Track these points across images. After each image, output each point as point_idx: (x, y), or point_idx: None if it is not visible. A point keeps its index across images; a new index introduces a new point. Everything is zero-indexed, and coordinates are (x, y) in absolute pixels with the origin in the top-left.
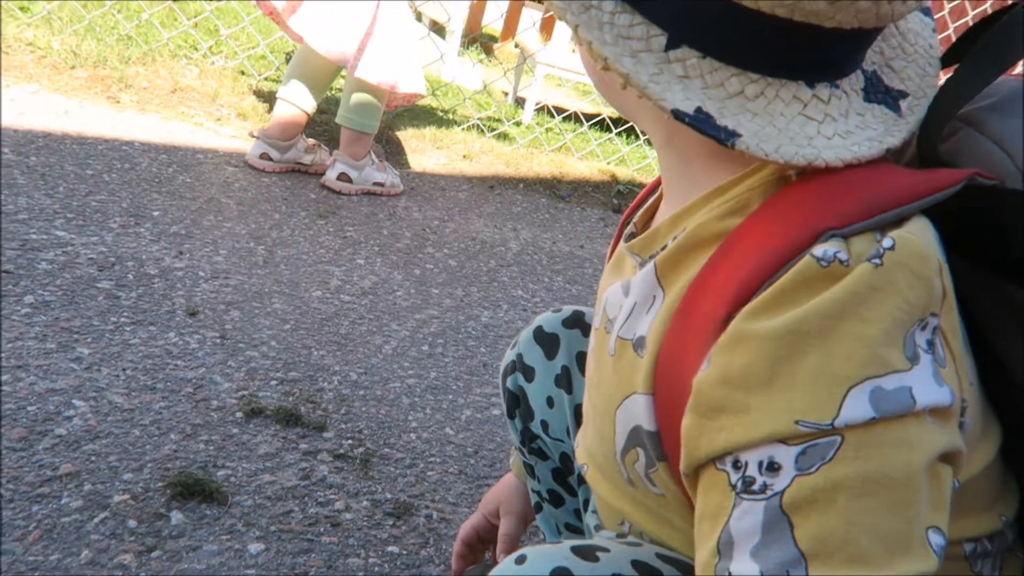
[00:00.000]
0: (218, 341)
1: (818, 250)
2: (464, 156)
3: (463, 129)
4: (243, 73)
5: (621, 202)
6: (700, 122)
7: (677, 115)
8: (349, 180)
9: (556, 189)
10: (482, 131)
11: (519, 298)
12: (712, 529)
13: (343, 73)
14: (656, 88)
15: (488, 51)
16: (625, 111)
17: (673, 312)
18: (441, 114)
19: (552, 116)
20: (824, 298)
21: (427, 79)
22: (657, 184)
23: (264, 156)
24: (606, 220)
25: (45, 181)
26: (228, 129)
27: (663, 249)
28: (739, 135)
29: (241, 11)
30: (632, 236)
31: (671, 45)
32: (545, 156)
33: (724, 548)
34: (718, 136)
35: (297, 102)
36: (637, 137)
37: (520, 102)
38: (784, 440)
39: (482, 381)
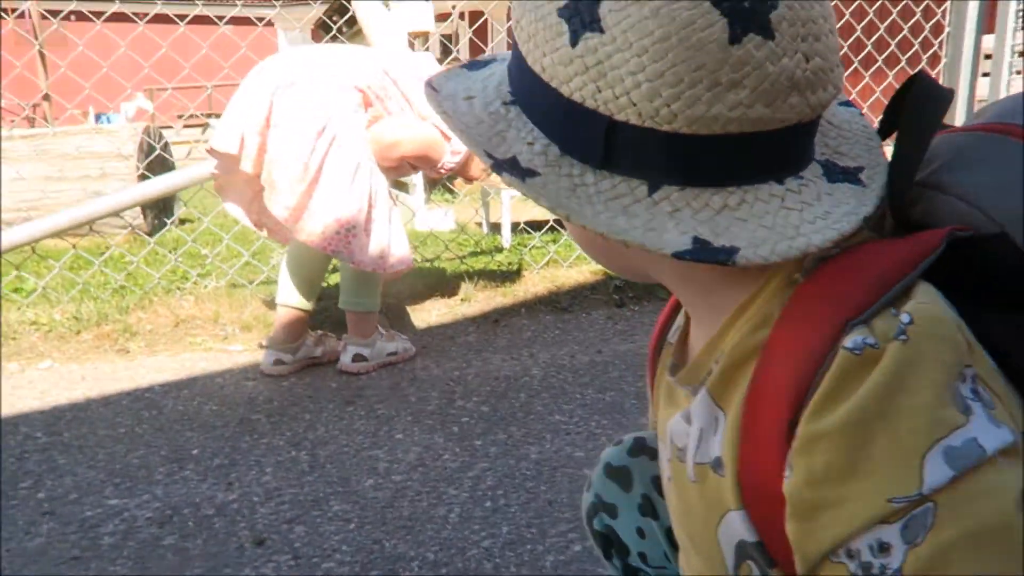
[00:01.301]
0: (292, 563)
1: (848, 342)
2: (462, 300)
3: (452, 275)
4: (235, 286)
5: (622, 296)
6: (700, 253)
7: (679, 256)
8: (364, 359)
9: (557, 303)
10: (471, 274)
11: (559, 424)
12: None
13: (334, 263)
14: (653, 236)
15: (450, 190)
16: (631, 271)
17: (739, 428)
18: (427, 265)
19: (529, 232)
20: (870, 384)
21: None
22: (675, 305)
23: (277, 362)
24: (613, 318)
25: (83, 453)
26: (236, 346)
27: (709, 374)
28: (737, 249)
29: (218, 231)
30: (675, 367)
31: (652, 188)
32: (536, 275)
33: None
34: (719, 259)
35: (296, 304)
36: None
37: (495, 228)
38: (884, 520)
39: (553, 520)
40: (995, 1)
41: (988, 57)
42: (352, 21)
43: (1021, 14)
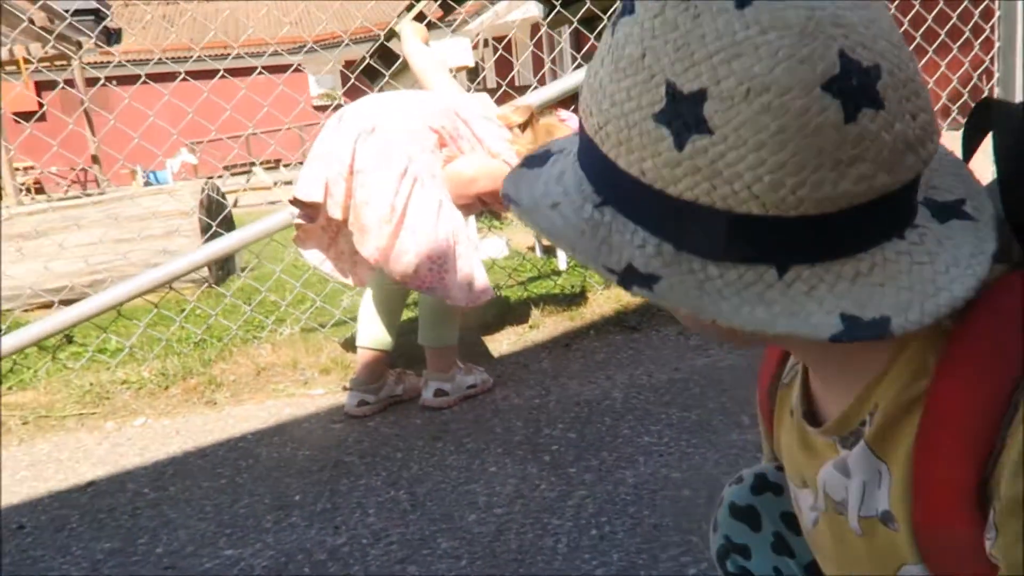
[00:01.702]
0: None
1: None
2: (531, 327)
3: (517, 302)
4: (309, 331)
5: None
6: (854, 331)
7: (836, 339)
8: (446, 393)
9: (625, 322)
10: (535, 300)
11: (650, 446)
12: None
13: (411, 299)
14: (799, 321)
15: (496, 215)
16: (755, 342)
17: (910, 484)
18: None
19: None
20: None
21: None
22: (781, 352)
23: (362, 403)
24: (685, 334)
25: (191, 506)
26: (318, 389)
27: (863, 426)
28: (888, 318)
29: (287, 278)
30: (809, 414)
31: (782, 271)
32: (600, 296)
33: None
34: (875, 335)
35: (377, 345)
36: None
37: (548, 250)
38: None
39: (663, 544)
40: None
41: None
42: (390, 62)
43: None
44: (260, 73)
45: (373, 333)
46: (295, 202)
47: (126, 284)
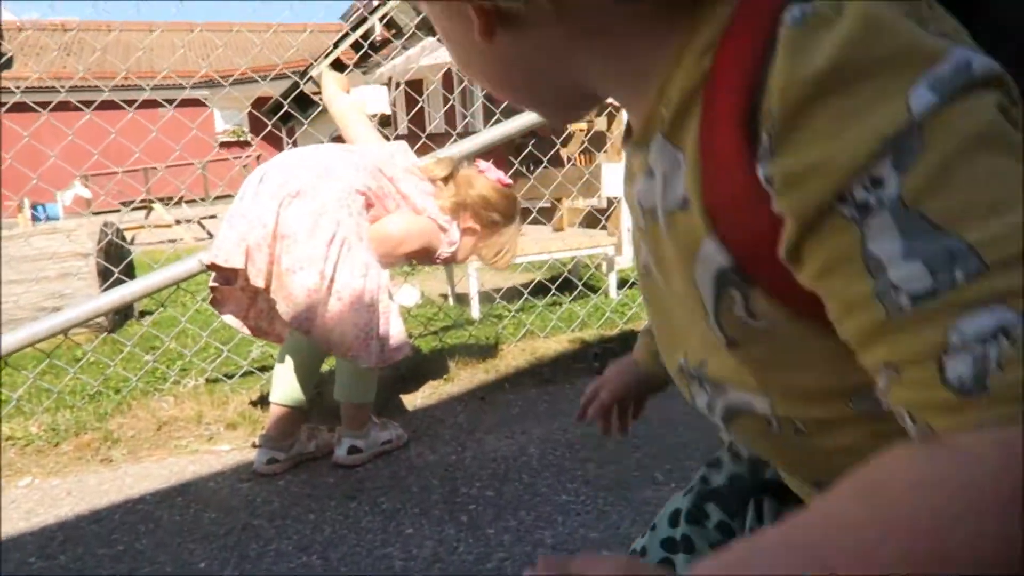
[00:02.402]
0: None
1: (788, 19)
2: (445, 380)
3: (432, 353)
4: (215, 382)
5: (601, 363)
6: None
7: None
8: (359, 451)
9: (539, 375)
10: (450, 350)
11: (567, 504)
12: (850, 272)
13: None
14: None
15: (411, 263)
16: (541, 92)
17: (698, 152)
18: None
19: (495, 299)
20: (836, 40)
21: None
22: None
23: (271, 461)
24: None
25: None
26: (224, 445)
27: (662, 122)
28: None
29: (195, 327)
30: (627, 138)
31: None
32: (514, 347)
33: (875, 270)
34: None
35: (290, 402)
36: (587, 296)
37: (461, 298)
38: (875, 157)
39: None
40: None
41: None
42: (305, 106)
43: None
44: (160, 106)
45: (287, 389)
46: (213, 266)
47: (16, 333)
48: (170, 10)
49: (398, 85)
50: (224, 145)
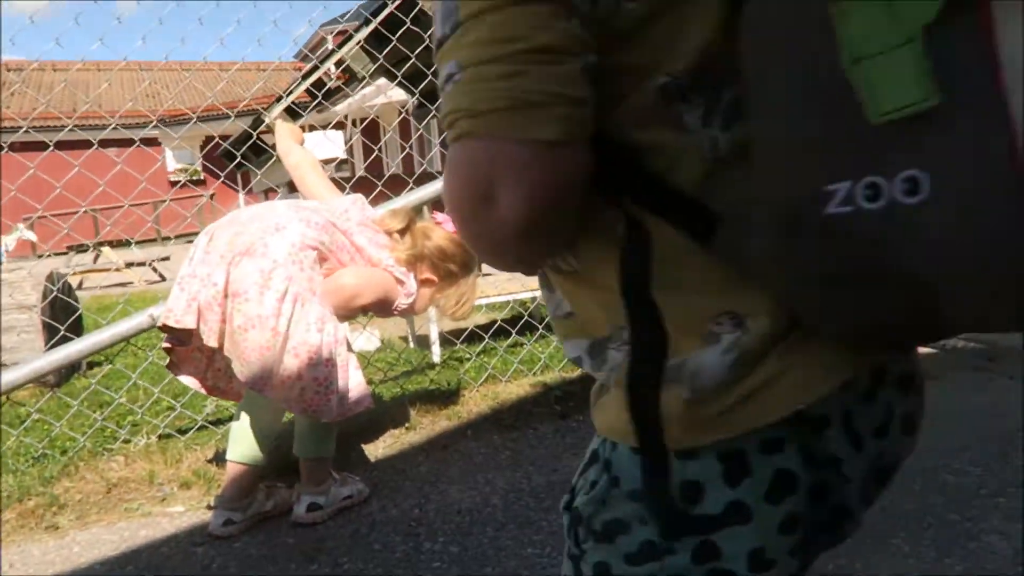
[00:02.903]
0: None
1: None
2: (407, 428)
3: (392, 400)
4: (168, 438)
5: (563, 407)
6: None
7: None
8: (320, 508)
9: (501, 421)
10: (411, 397)
11: (533, 559)
12: None
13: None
14: None
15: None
16: None
17: None
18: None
19: (454, 343)
20: None
21: None
22: None
23: (228, 523)
24: (560, 431)
25: None
26: (178, 507)
27: None
28: None
29: (143, 382)
30: None
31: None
32: (475, 392)
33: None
34: None
35: (248, 460)
36: (548, 338)
37: (422, 341)
38: None
39: None
40: None
41: None
42: (258, 150)
43: None
44: (103, 147)
45: (244, 447)
46: (165, 328)
47: None
48: (132, 45)
49: (354, 123)
50: (175, 184)
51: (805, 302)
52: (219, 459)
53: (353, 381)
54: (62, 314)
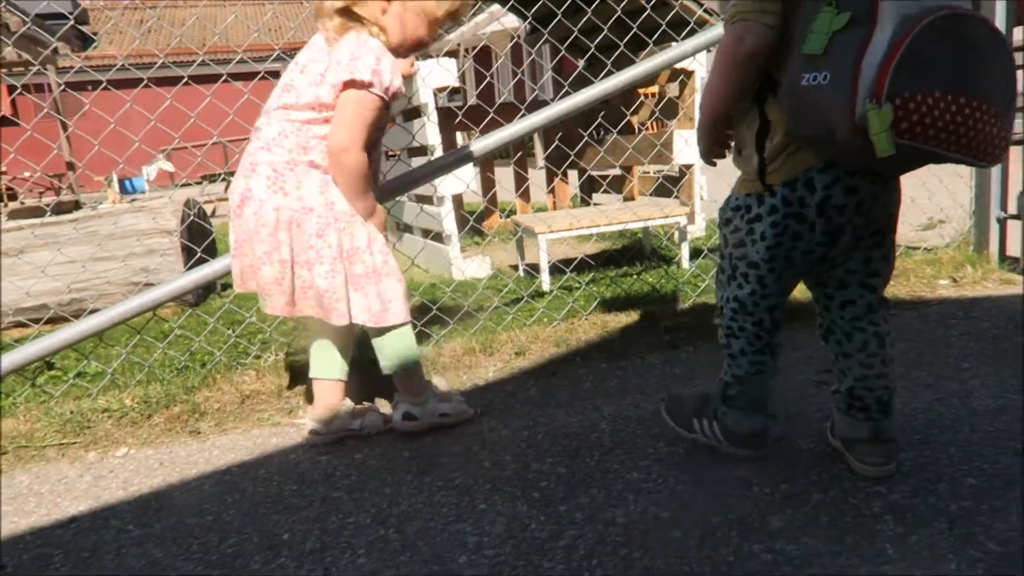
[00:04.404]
0: None
1: None
2: (517, 353)
3: (502, 329)
4: (292, 355)
5: (673, 337)
6: None
7: None
8: (415, 418)
9: (611, 348)
10: (520, 323)
11: (639, 482)
12: None
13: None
14: None
15: (479, 231)
16: None
17: None
18: (475, 318)
19: (564, 270)
20: None
21: (441, 281)
22: None
23: (313, 432)
24: (670, 361)
25: (178, 546)
26: (304, 419)
27: None
28: None
29: None
30: None
31: None
32: (585, 321)
33: None
34: None
35: (323, 375)
36: (659, 267)
37: (532, 269)
38: None
39: None
40: None
41: (1019, 50)
42: None
43: None
44: (226, 80)
45: (322, 361)
46: None
47: (108, 312)
48: None
49: (467, 52)
50: None
51: (794, 120)
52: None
53: (385, 292)
54: (199, 238)
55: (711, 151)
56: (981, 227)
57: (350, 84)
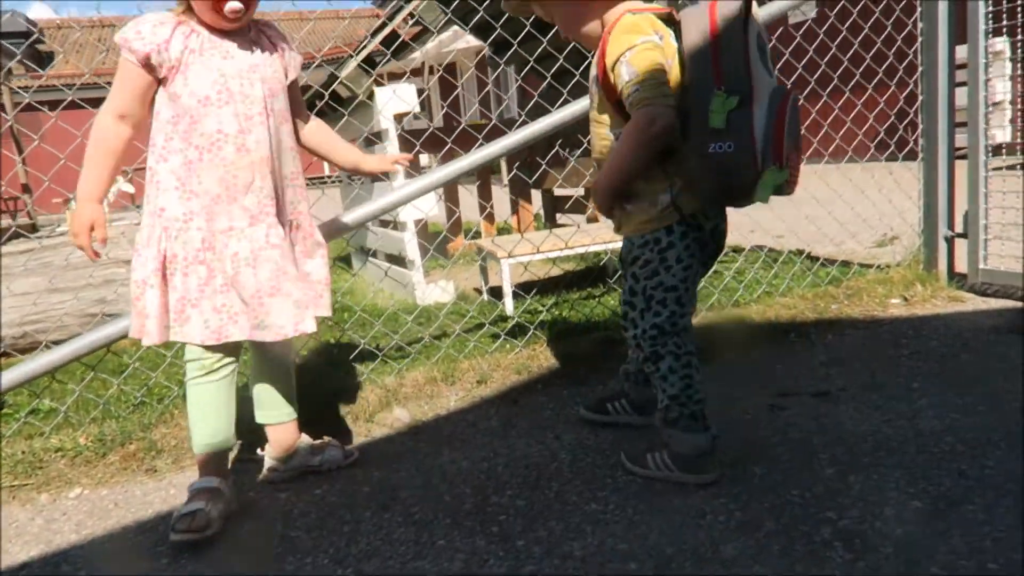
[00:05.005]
0: None
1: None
2: (479, 382)
3: (465, 356)
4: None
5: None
6: None
7: None
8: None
9: (572, 375)
10: (483, 350)
11: (596, 513)
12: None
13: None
14: None
15: (444, 254)
16: (583, 27)
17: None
18: (436, 344)
19: (526, 295)
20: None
21: (403, 307)
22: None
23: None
24: None
25: None
26: (264, 454)
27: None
28: None
29: None
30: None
31: None
32: (548, 347)
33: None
34: None
35: (276, 419)
36: (617, 294)
37: (495, 292)
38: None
39: None
40: (964, 4)
41: (961, 67)
42: (337, 101)
43: (990, 18)
44: None
45: (264, 407)
46: None
47: (62, 348)
48: None
49: (431, 70)
50: None
51: (700, 176)
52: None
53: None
54: None
55: (614, 208)
56: (930, 245)
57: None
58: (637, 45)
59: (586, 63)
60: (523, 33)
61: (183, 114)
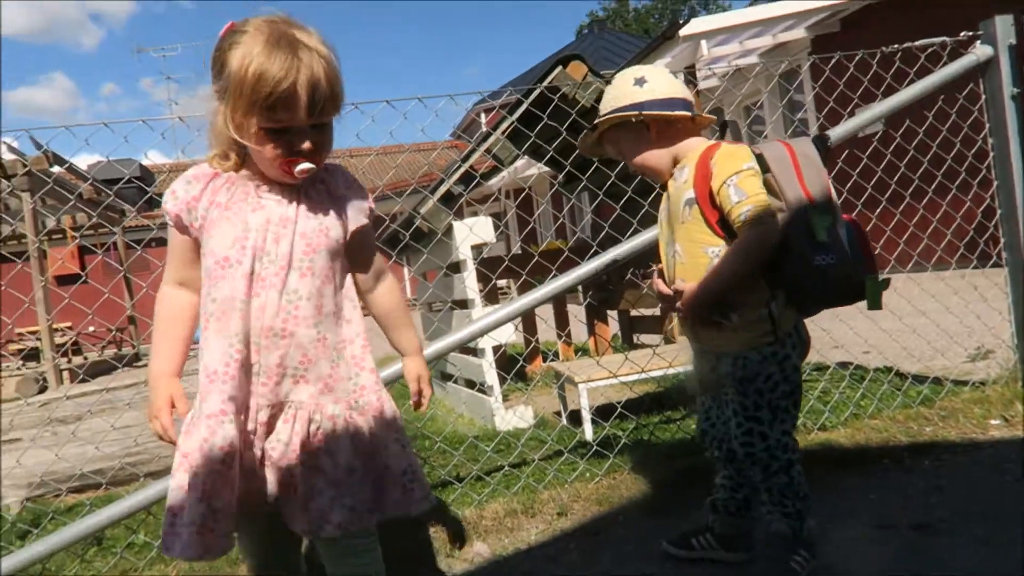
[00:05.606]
0: None
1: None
2: (559, 514)
3: (545, 486)
4: None
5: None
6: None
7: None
8: None
9: (654, 506)
10: (563, 480)
11: None
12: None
13: None
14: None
15: (522, 376)
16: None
17: (694, 185)
18: (515, 473)
19: (604, 422)
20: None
21: (482, 434)
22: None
23: None
24: None
25: None
26: None
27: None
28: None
29: None
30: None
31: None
32: (628, 476)
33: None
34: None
35: None
36: (686, 410)
37: (574, 416)
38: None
39: None
40: None
41: None
42: (419, 233)
43: None
44: None
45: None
46: None
47: (157, 484)
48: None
49: (508, 195)
50: None
51: (808, 287)
52: None
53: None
54: None
55: (712, 316)
56: None
57: None
58: (743, 170)
59: (654, 193)
60: (592, 168)
61: (206, 278)
